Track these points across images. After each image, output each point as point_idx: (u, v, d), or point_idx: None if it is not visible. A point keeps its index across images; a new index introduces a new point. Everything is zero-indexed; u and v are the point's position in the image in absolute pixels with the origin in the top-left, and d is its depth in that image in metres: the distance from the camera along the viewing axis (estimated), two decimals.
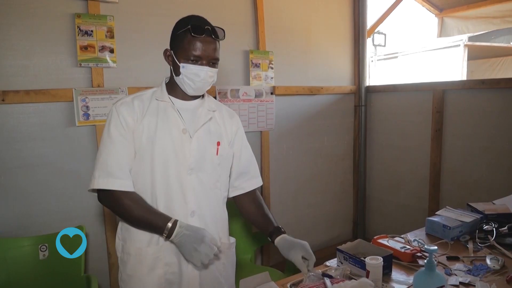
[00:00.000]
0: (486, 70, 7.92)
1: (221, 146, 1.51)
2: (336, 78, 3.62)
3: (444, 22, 4.30)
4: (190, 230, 1.32)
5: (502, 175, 2.78)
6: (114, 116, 1.40)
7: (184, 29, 1.36)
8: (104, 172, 1.35)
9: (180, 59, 1.39)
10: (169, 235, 1.31)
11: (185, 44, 1.37)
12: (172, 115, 1.44)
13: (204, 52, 1.37)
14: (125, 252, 1.47)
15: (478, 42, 7.30)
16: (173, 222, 1.32)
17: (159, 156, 1.39)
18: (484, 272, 1.42)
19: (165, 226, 1.31)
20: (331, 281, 1.27)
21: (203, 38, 1.36)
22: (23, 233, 2.21)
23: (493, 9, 3.80)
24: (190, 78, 1.39)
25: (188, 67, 1.37)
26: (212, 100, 1.60)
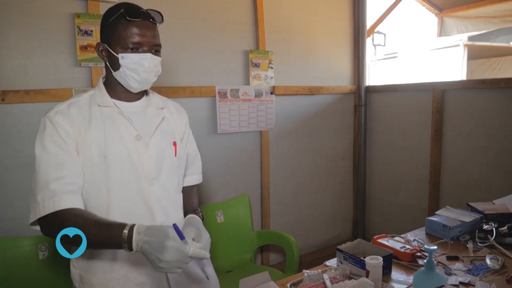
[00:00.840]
0: (486, 70, 7.91)
1: (177, 146, 1.38)
2: (336, 78, 3.62)
3: (444, 22, 4.31)
4: (150, 235, 1.02)
5: (502, 175, 2.78)
6: (48, 128, 1.21)
7: (117, 14, 1.19)
8: (48, 192, 1.12)
9: (117, 49, 1.21)
10: (130, 246, 1.04)
11: (120, 32, 1.19)
12: (120, 122, 1.25)
13: (144, 38, 1.20)
14: (85, 283, 1.27)
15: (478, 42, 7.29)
16: (129, 229, 1.04)
17: (114, 171, 1.21)
18: (484, 271, 1.42)
19: (120, 237, 1.03)
20: (331, 281, 1.27)
21: (140, 22, 1.19)
22: (22, 232, 2.21)
23: (492, 8, 3.81)
24: (133, 69, 1.22)
25: (128, 56, 1.20)
26: (158, 96, 1.45)
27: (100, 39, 1.27)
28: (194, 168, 1.52)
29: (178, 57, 2.65)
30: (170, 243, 1.01)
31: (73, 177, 1.17)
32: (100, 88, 1.30)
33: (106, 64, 1.28)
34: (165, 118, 1.39)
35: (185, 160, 1.44)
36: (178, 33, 2.65)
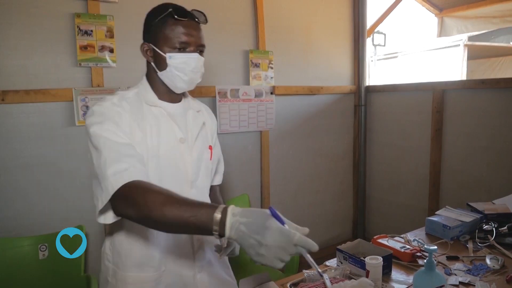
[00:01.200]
0: (486, 70, 7.91)
1: (212, 149, 1.40)
2: (336, 78, 3.62)
3: (444, 22, 4.30)
4: (248, 216, 0.87)
5: (502, 175, 2.78)
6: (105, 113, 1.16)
7: (164, 14, 1.19)
8: (122, 165, 1.06)
9: (164, 49, 1.21)
10: (222, 231, 0.89)
11: (167, 31, 1.19)
12: (167, 123, 1.25)
13: (191, 37, 1.21)
14: (119, 279, 1.25)
15: (478, 42, 7.30)
16: (223, 211, 0.89)
17: (159, 171, 1.21)
18: (484, 271, 1.42)
19: (211, 221, 0.89)
20: (331, 281, 1.27)
21: (187, 22, 1.20)
22: (22, 232, 2.21)
23: (492, 8, 3.81)
24: (180, 69, 1.22)
25: (176, 56, 1.20)
26: (193, 99, 1.45)
27: (144, 39, 1.27)
28: (219, 169, 1.54)
29: None
30: (272, 224, 0.85)
31: (141, 160, 1.13)
32: (145, 87, 1.30)
33: (151, 64, 1.27)
34: (205, 123, 1.40)
35: (216, 163, 1.47)
36: None
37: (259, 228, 0.85)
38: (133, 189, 1.01)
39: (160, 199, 0.95)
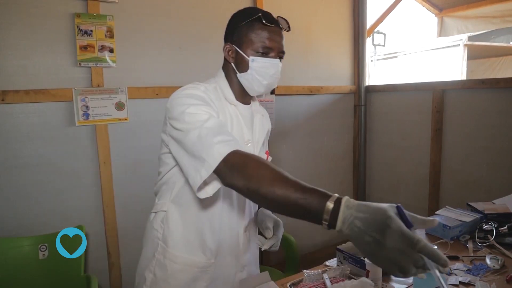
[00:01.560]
0: (486, 70, 7.92)
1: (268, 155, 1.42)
2: (336, 78, 3.62)
3: (444, 22, 4.30)
4: (364, 211, 0.79)
5: (502, 175, 2.78)
6: (202, 97, 1.17)
7: (252, 18, 1.22)
8: (228, 135, 1.05)
9: (248, 52, 1.23)
10: (332, 223, 0.82)
11: (253, 35, 1.22)
12: (238, 123, 1.28)
13: (275, 43, 1.22)
14: (167, 257, 1.29)
15: (477, 42, 7.31)
16: (336, 201, 0.82)
17: None
18: (484, 271, 1.42)
19: (322, 209, 0.82)
20: (331, 281, 1.27)
21: (273, 28, 1.22)
22: (22, 232, 2.21)
23: (492, 8, 3.81)
24: (261, 73, 1.24)
25: (259, 60, 1.22)
26: (257, 103, 1.46)
27: (227, 39, 1.30)
28: None
29: (178, 57, 2.65)
30: (393, 223, 0.74)
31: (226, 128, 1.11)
32: (225, 84, 1.31)
33: (230, 64, 1.30)
34: (269, 130, 1.45)
35: None
36: (179, 33, 2.65)
37: (378, 226, 0.75)
38: (243, 158, 0.97)
39: (271, 174, 0.92)
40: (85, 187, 2.40)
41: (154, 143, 2.67)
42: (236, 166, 0.97)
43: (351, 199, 0.82)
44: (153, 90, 2.55)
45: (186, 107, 1.11)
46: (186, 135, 1.08)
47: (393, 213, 0.78)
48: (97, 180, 2.43)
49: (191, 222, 1.27)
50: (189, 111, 1.10)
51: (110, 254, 2.49)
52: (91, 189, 2.42)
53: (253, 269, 1.47)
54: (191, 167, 1.06)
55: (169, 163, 1.27)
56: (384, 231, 0.73)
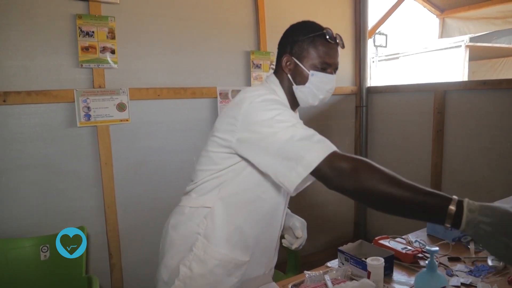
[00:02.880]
0: (488, 71, 7.92)
1: None
2: (337, 79, 3.59)
3: (445, 23, 4.29)
4: (489, 215, 0.84)
5: (504, 176, 2.77)
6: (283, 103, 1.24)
7: (316, 34, 1.27)
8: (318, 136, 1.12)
9: (308, 66, 1.29)
10: (456, 223, 0.89)
11: (315, 51, 1.27)
12: None
13: (334, 60, 1.29)
14: (208, 253, 1.32)
15: (479, 43, 7.31)
16: (457, 204, 0.88)
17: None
18: (486, 273, 1.42)
19: (445, 211, 0.89)
20: (332, 282, 1.27)
21: (333, 45, 1.28)
22: (24, 233, 2.21)
23: (494, 9, 3.80)
24: (319, 88, 1.30)
25: (319, 75, 1.28)
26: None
27: (285, 51, 1.34)
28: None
29: (179, 58, 2.66)
30: None
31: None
32: (281, 92, 1.36)
33: (286, 75, 1.33)
34: None
35: None
36: (180, 34, 2.65)
37: (507, 230, 0.81)
38: (351, 162, 1.00)
39: (386, 177, 0.94)
40: (87, 188, 2.41)
41: (155, 144, 2.69)
42: (344, 170, 0.99)
43: (473, 202, 0.87)
44: (155, 91, 2.55)
45: (275, 113, 1.15)
46: (275, 137, 1.11)
47: None
48: (98, 181, 2.43)
49: (236, 221, 1.32)
50: (278, 118, 1.14)
51: (112, 255, 2.50)
52: (92, 190, 2.43)
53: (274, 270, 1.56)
54: (281, 167, 1.10)
55: (221, 163, 1.30)
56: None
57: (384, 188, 0.92)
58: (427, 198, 0.90)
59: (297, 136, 1.09)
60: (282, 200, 1.37)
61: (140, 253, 2.60)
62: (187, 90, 2.68)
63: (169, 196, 2.56)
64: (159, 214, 2.67)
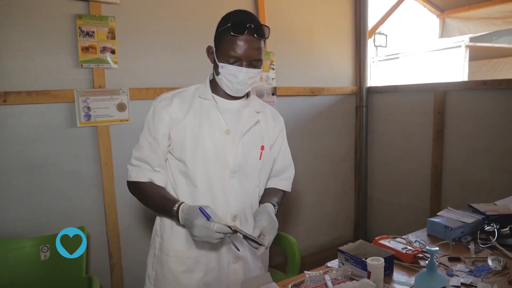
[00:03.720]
0: (488, 71, 7.91)
1: (264, 150, 1.47)
2: (337, 79, 3.62)
3: (446, 23, 4.29)
4: (187, 214, 1.23)
5: (504, 176, 2.77)
6: (150, 112, 1.41)
7: (225, 26, 1.29)
8: (132, 165, 1.43)
9: (220, 58, 1.33)
10: (178, 220, 1.27)
11: (225, 43, 1.30)
12: (215, 115, 1.39)
13: (244, 53, 1.28)
14: (163, 251, 1.44)
15: (479, 43, 7.30)
16: (178, 206, 1.27)
17: (202, 156, 1.36)
18: (486, 273, 1.42)
19: (172, 211, 1.28)
20: (332, 282, 1.27)
21: (244, 37, 1.27)
22: (24, 234, 2.21)
23: (494, 9, 3.80)
24: (229, 79, 1.34)
25: (227, 67, 1.31)
26: (257, 101, 1.55)
27: (213, 42, 1.39)
28: (286, 175, 1.65)
29: (179, 58, 2.66)
30: (197, 221, 1.18)
31: (150, 158, 1.39)
32: (206, 83, 1.45)
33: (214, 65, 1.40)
34: (259, 122, 1.48)
35: (270, 165, 1.54)
36: (180, 34, 2.65)
37: (190, 224, 1.21)
38: (135, 184, 1.43)
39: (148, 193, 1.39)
40: (87, 188, 2.41)
41: None
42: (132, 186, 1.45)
43: (186, 204, 1.28)
44: (155, 91, 2.55)
45: (145, 122, 1.44)
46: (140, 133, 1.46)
47: (200, 216, 1.20)
48: (98, 181, 2.43)
49: None
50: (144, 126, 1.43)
51: (112, 255, 2.50)
52: (92, 190, 2.43)
53: (250, 263, 1.51)
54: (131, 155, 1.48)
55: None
56: (192, 228, 1.20)
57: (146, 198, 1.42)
58: (165, 203, 1.33)
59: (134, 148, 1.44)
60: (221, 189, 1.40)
61: (140, 253, 2.60)
62: None
63: None
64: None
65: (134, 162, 1.42)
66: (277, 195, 1.57)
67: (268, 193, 1.56)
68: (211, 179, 1.38)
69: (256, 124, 1.46)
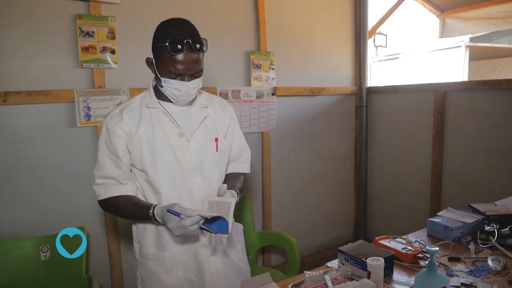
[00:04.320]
0: (488, 71, 7.91)
1: (219, 141, 1.54)
2: (337, 79, 3.62)
3: (446, 23, 4.29)
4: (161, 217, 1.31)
5: (504, 176, 2.77)
6: (103, 132, 1.44)
7: (162, 44, 1.30)
8: (97, 184, 1.47)
9: (161, 73, 1.36)
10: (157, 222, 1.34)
11: (164, 60, 1.33)
12: (165, 121, 1.45)
13: (184, 69, 1.33)
14: (142, 255, 1.52)
15: (479, 43, 7.30)
16: (152, 212, 1.34)
17: (161, 163, 1.42)
18: (486, 273, 1.42)
19: (149, 215, 1.35)
20: (333, 282, 1.27)
21: (182, 54, 1.31)
22: (24, 234, 2.21)
23: (495, 10, 3.80)
24: (172, 92, 1.38)
25: (169, 82, 1.35)
26: (203, 95, 1.60)
27: (152, 53, 1.40)
28: (243, 157, 1.71)
29: None
30: (170, 224, 1.27)
31: (116, 174, 1.43)
32: (150, 91, 1.49)
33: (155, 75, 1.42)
34: (208, 116, 1.54)
35: (227, 154, 1.62)
36: None
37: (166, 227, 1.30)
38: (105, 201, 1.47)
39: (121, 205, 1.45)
40: (87, 188, 2.40)
41: None
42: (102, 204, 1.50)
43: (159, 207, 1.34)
44: None
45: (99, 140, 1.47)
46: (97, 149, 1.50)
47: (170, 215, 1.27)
48: None
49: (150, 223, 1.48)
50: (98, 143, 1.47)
51: (112, 255, 2.50)
52: (92, 190, 2.41)
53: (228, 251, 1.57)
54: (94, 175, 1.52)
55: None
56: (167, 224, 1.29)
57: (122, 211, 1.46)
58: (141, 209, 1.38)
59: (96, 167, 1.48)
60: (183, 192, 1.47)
61: None
62: None
63: None
64: None
65: (99, 181, 1.45)
66: (239, 179, 1.64)
67: (230, 178, 1.61)
68: (175, 182, 1.45)
69: (205, 119, 1.52)
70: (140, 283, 1.58)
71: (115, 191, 1.44)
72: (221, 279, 1.52)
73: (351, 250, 1.50)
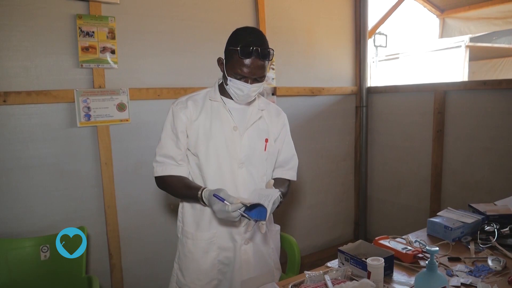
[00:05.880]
0: (488, 71, 7.91)
1: (268, 142, 1.66)
2: (337, 79, 3.62)
3: (446, 23, 4.29)
4: (208, 200, 1.43)
5: (504, 176, 2.77)
6: (169, 114, 1.61)
7: (234, 48, 1.46)
8: (156, 161, 1.62)
9: (229, 72, 1.51)
10: (204, 203, 1.47)
11: (233, 62, 1.48)
12: (223, 114, 1.59)
13: (250, 73, 1.47)
14: (183, 234, 1.66)
15: (479, 43, 7.30)
16: (201, 193, 1.46)
17: (213, 150, 1.56)
18: (486, 273, 1.42)
19: (197, 197, 1.47)
20: (332, 282, 1.27)
21: (250, 59, 1.45)
22: (24, 234, 2.21)
23: (495, 10, 3.80)
24: (235, 91, 1.52)
25: (234, 82, 1.50)
26: (262, 100, 1.74)
27: (224, 53, 1.55)
28: (290, 165, 1.81)
29: (179, 58, 2.66)
30: (215, 207, 1.39)
31: (175, 154, 1.59)
32: (215, 87, 1.65)
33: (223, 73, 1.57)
34: (263, 118, 1.69)
35: (274, 156, 1.73)
36: (180, 34, 2.65)
37: (211, 209, 1.43)
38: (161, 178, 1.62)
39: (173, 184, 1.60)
40: (87, 188, 2.41)
41: (155, 144, 2.67)
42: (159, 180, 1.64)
43: (207, 190, 1.46)
44: (155, 91, 2.55)
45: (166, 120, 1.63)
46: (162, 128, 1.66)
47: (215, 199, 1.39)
48: (98, 181, 2.43)
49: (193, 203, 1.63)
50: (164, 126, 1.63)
51: (112, 255, 2.50)
52: (92, 190, 2.43)
53: (260, 245, 1.69)
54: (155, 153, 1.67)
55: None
56: (212, 207, 1.41)
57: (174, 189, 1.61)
58: (190, 190, 1.52)
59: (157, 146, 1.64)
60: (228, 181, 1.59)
61: (140, 253, 2.60)
62: (187, 90, 2.67)
63: (169, 196, 2.56)
64: (159, 214, 2.67)
65: (159, 159, 1.60)
66: (284, 185, 1.72)
67: (276, 183, 1.68)
68: (222, 170, 1.58)
69: (259, 119, 1.66)
70: (176, 260, 1.71)
71: (171, 171, 1.58)
72: (249, 267, 1.63)
73: (351, 250, 1.50)
